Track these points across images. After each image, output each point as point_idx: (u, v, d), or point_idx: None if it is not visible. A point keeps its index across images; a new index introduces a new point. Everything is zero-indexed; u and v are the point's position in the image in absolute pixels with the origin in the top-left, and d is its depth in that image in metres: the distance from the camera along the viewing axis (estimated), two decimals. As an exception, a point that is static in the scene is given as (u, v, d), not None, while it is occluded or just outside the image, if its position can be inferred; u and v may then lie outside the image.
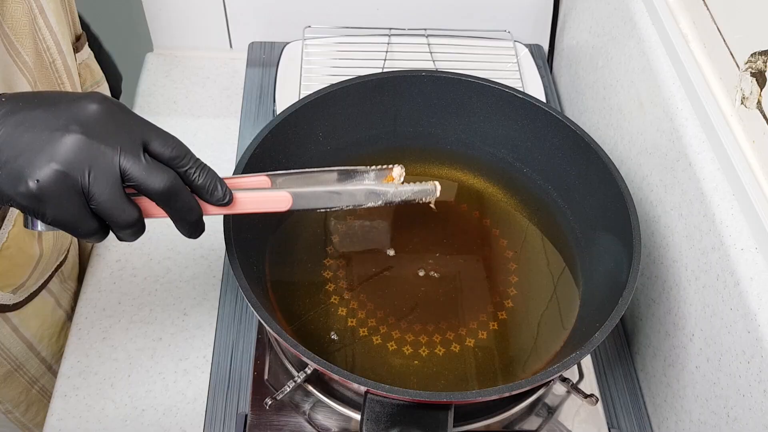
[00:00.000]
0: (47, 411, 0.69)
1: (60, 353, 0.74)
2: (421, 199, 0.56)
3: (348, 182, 0.55)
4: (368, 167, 0.55)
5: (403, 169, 0.56)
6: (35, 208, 0.42)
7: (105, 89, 0.79)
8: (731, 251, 0.54)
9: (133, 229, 0.45)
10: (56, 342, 0.76)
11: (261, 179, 0.52)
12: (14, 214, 0.61)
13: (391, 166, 0.56)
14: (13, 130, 0.41)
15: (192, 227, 0.48)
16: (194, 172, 0.46)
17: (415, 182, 0.56)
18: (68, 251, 0.74)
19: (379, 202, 0.54)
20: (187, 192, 0.46)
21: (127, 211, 0.44)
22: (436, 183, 0.56)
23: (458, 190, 0.74)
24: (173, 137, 0.45)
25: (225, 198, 0.48)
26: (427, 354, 0.61)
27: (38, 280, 0.69)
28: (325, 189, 0.53)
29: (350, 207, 0.54)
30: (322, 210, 0.53)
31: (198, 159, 0.46)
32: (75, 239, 0.76)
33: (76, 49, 0.72)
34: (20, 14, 0.55)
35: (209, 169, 0.47)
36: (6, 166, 0.41)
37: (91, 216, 0.43)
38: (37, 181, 0.41)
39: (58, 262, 0.72)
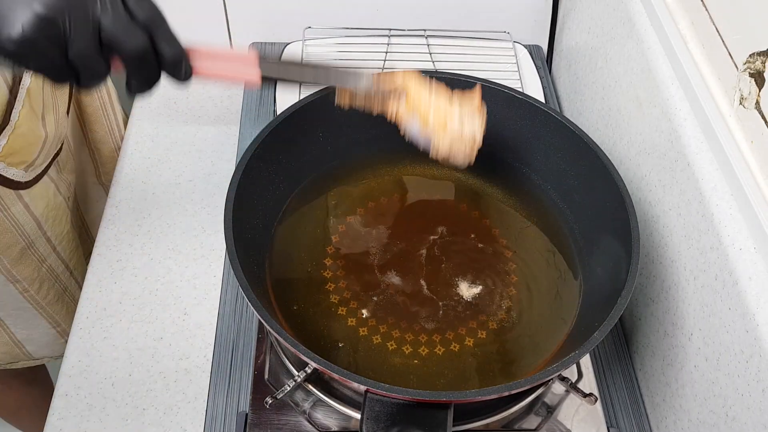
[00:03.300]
0: (55, 290, 0.82)
1: (62, 236, 0.83)
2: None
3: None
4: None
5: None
6: (19, 54, 0.43)
7: None
8: (730, 251, 0.54)
9: (99, 81, 0.47)
10: (58, 224, 0.83)
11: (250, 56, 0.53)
12: (23, 95, 0.69)
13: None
14: None
15: (142, 89, 0.49)
16: (164, 43, 0.47)
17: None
18: (62, 144, 0.81)
19: (349, 86, 0.57)
20: (154, 62, 0.47)
21: (98, 65, 0.45)
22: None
23: (458, 190, 0.74)
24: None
25: (184, 77, 0.49)
26: (426, 353, 0.61)
27: (44, 161, 0.77)
28: (294, 62, 0.54)
29: (318, 84, 0.56)
30: (291, 81, 0.54)
31: (170, 28, 0.47)
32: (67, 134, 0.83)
33: None
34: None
35: (179, 43, 0.48)
36: None
37: (67, 65, 0.44)
38: (22, 26, 0.42)
39: (57, 149, 0.80)
